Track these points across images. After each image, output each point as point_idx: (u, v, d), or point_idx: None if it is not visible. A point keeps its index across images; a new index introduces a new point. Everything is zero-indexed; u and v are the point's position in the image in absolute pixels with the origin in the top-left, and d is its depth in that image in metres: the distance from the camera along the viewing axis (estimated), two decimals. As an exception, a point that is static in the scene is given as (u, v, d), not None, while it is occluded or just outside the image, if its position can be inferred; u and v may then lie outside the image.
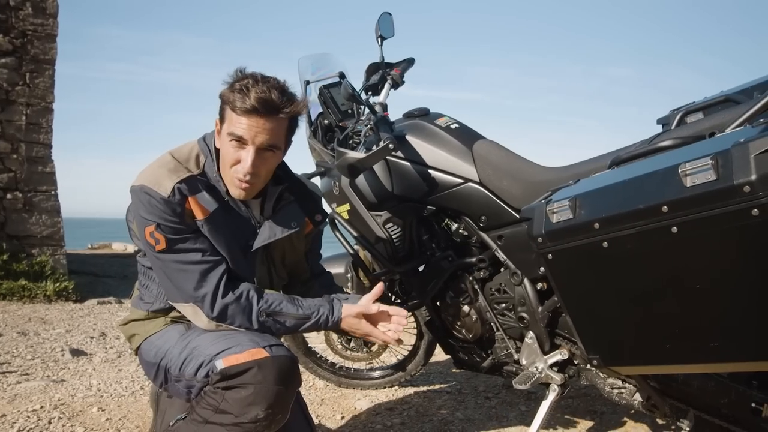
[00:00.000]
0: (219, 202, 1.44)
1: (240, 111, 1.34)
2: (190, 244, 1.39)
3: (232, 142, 1.38)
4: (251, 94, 1.33)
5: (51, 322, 4.08)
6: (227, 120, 1.39)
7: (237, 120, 1.36)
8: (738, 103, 1.49)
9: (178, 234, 1.38)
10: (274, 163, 1.45)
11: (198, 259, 1.39)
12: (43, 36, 5.51)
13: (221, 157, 1.43)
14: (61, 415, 2.12)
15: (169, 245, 1.38)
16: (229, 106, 1.37)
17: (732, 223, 1.00)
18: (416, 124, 1.93)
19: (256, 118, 1.35)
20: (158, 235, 1.37)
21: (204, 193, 1.42)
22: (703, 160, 1.02)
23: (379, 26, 2.10)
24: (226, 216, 1.45)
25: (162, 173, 1.39)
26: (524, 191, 1.71)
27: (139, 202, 1.39)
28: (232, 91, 1.36)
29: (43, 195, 5.52)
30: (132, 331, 1.54)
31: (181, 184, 1.38)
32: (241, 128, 1.36)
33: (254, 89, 1.34)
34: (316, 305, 1.47)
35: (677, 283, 1.11)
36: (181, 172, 1.41)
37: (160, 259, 1.40)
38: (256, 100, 1.33)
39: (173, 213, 1.37)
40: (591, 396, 2.37)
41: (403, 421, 2.17)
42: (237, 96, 1.34)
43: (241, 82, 1.36)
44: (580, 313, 1.30)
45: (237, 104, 1.34)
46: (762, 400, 1.40)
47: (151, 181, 1.38)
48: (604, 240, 1.16)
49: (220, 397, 1.30)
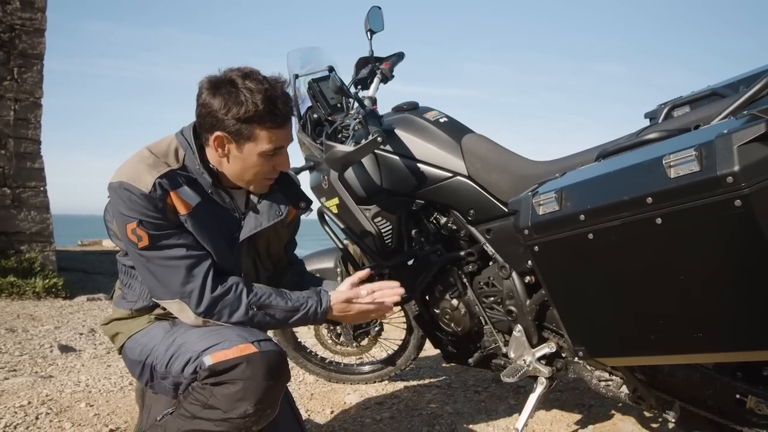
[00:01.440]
0: (201, 195, 1.41)
1: (278, 124, 1.37)
2: (174, 239, 1.37)
3: (267, 156, 1.39)
4: (278, 105, 1.36)
5: (40, 318, 4.05)
6: (256, 139, 1.37)
7: (274, 134, 1.37)
8: (724, 96, 1.50)
9: (161, 230, 1.36)
10: None
11: (183, 254, 1.37)
12: (31, 30, 5.46)
13: (243, 172, 1.43)
14: (48, 411, 2.10)
15: (152, 242, 1.35)
16: (258, 125, 1.35)
17: (715, 213, 1.01)
18: (405, 118, 1.93)
19: (287, 123, 1.40)
20: (140, 232, 1.34)
21: (185, 187, 1.39)
22: (687, 151, 1.03)
23: (369, 20, 2.10)
24: (209, 209, 1.43)
25: (141, 168, 1.37)
26: (512, 185, 1.72)
27: (119, 199, 1.36)
28: (256, 111, 1.33)
29: (32, 191, 5.48)
30: (115, 330, 1.52)
31: (161, 179, 1.36)
32: (281, 138, 1.39)
33: (279, 101, 1.36)
34: (304, 297, 1.46)
35: (661, 274, 1.12)
36: (160, 167, 1.38)
37: (144, 256, 1.37)
38: (284, 111, 1.38)
39: (155, 209, 1.34)
40: (579, 389, 2.39)
41: (392, 415, 2.17)
42: (267, 112, 1.34)
43: (259, 97, 1.33)
44: (566, 304, 1.30)
45: (270, 121, 1.35)
46: (746, 391, 1.41)
47: (130, 176, 1.35)
48: (589, 231, 1.17)
49: (208, 393, 1.29)
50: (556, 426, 2.07)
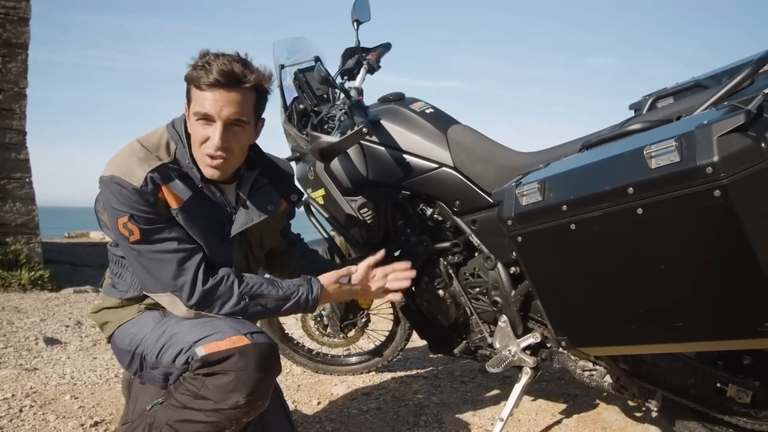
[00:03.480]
0: (193, 189, 1.41)
1: (204, 86, 1.34)
2: (166, 233, 1.37)
3: (199, 121, 1.37)
4: (213, 68, 1.33)
5: (25, 311, 4.01)
6: (193, 99, 1.38)
7: (202, 96, 1.35)
8: (707, 87, 1.51)
9: (153, 224, 1.36)
10: (246, 139, 1.43)
11: (174, 248, 1.37)
12: (15, 20, 5.38)
13: (192, 140, 1.41)
14: (32, 404, 2.09)
15: (143, 236, 1.35)
16: (194, 84, 1.36)
17: (695, 204, 1.01)
18: (391, 109, 1.93)
19: (220, 92, 1.35)
20: (132, 227, 1.34)
21: (177, 181, 1.39)
22: (668, 142, 1.03)
23: (355, 10, 2.08)
24: (200, 204, 1.43)
25: (132, 162, 1.36)
26: (498, 176, 1.72)
27: (110, 193, 1.35)
28: (194, 69, 1.36)
29: (17, 182, 5.41)
30: (105, 319, 1.51)
31: (153, 173, 1.35)
32: (206, 104, 1.35)
33: (215, 63, 1.34)
34: (295, 285, 1.46)
35: (642, 264, 1.12)
36: (152, 161, 1.37)
37: (135, 249, 1.37)
38: (218, 72, 1.33)
39: (146, 203, 1.34)
40: (565, 379, 2.41)
41: (378, 406, 2.18)
42: (200, 72, 1.34)
43: (202, 59, 1.36)
44: (549, 294, 1.31)
45: (201, 80, 1.34)
46: (727, 380, 1.43)
47: (121, 170, 1.35)
48: (571, 222, 1.17)
49: (200, 384, 1.29)
50: (542, 415, 2.08)
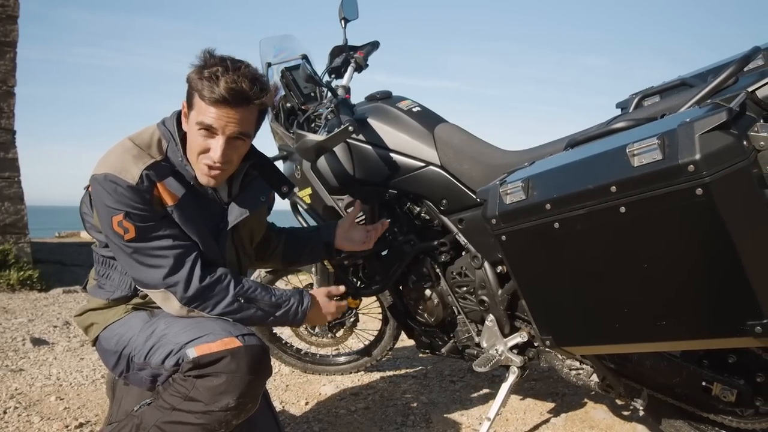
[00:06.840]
0: (186, 187, 1.40)
1: (209, 101, 1.30)
2: (161, 230, 1.36)
3: (201, 130, 1.34)
4: (221, 83, 1.28)
5: (13, 311, 3.98)
6: (195, 108, 1.34)
7: (206, 109, 1.31)
8: (692, 86, 1.51)
9: (148, 221, 1.34)
10: (245, 150, 1.42)
11: (170, 244, 1.36)
12: (3, 17, 5.32)
13: (189, 144, 1.39)
14: (17, 405, 2.07)
15: (139, 234, 1.34)
16: (198, 94, 1.31)
17: (677, 202, 1.01)
18: (378, 107, 1.92)
19: (226, 109, 1.31)
20: (127, 224, 1.33)
21: (171, 178, 1.38)
22: (650, 140, 1.03)
23: (343, 8, 2.07)
24: (194, 201, 1.42)
25: (127, 160, 1.34)
26: (484, 174, 1.71)
27: (104, 191, 1.33)
28: (200, 78, 1.30)
29: (6, 182, 5.36)
30: (89, 321, 1.49)
31: (149, 170, 1.34)
32: (210, 118, 1.32)
33: (224, 78, 1.28)
34: (287, 295, 1.46)
35: (625, 263, 1.12)
36: (145, 159, 1.36)
37: (130, 247, 1.35)
38: (226, 90, 1.28)
39: (142, 200, 1.33)
40: (553, 378, 2.40)
41: (367, 406, 2.17)
42: (206, 84, 1.29)
43: (210, 69, 1.30)
44: (533, 293, 1.30)
45: (206, 93, 1.29)
46: (712, 379, 1.43)
47: (116, 168, 1.33)
48: (555, 220, 1.17)
49: (190, 385, 1.28)
50: (530, 414, 2.08)
